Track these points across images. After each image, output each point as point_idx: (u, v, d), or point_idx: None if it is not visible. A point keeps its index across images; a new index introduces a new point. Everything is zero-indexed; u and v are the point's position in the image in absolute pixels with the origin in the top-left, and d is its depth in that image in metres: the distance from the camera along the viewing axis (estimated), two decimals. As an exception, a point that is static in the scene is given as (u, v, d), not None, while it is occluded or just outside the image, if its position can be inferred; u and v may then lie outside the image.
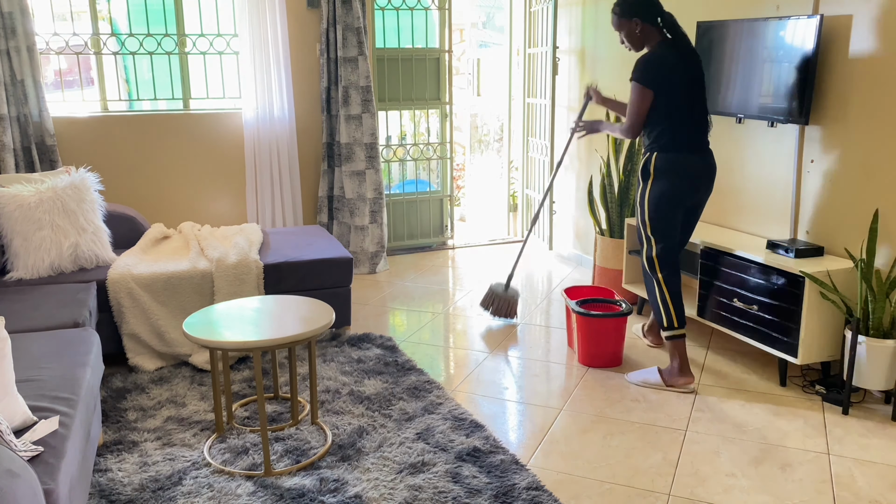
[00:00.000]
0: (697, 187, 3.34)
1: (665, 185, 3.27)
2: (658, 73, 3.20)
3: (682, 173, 3.27)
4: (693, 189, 3.32)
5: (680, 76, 3.21)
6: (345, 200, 5.16)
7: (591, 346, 3.56)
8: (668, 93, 3.21)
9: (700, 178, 3.32)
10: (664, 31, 3.27)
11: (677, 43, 3.26)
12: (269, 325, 2.69)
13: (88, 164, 4.73)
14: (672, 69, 3.20)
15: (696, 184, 3.32)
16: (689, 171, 3.28)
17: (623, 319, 3.56)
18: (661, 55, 3.22)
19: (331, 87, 5.05)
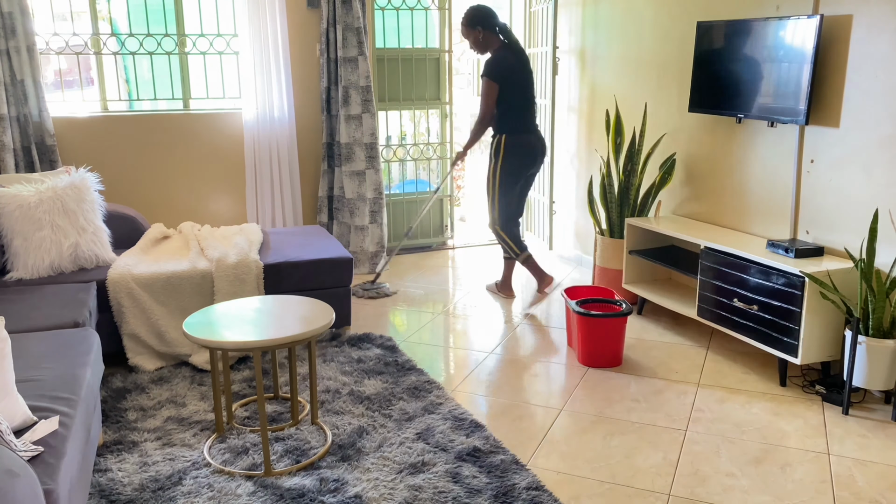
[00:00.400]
0: (535, 160, 4.38)
1: (513, 161, 4.31)
2: (502, 70, 4.18)
3: (525, 150, 4.31)
4: (532, 162, 4.37)
5: (517, 73, 4.20)
6: (345, 200, 5.15)
7: (591, 346, 3.56)
8: (510, 86, 4.20)
9: (536, 153, 4.37)
10: (501, 37, 4.26)
11: (512, 47, 4.25)
12: (269, 325, 2.69)
13: (88, 164, 4.73)
14: (511, 67, 4.19)
15: (534, 157, 4.37)
16: (529, 149, 4.32)
17: (623, 319, 3.56)
18: (503, 56, 4.21)
19: (331, 87, 5.05)
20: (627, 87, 4.71)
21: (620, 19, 4.70)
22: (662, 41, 4.36)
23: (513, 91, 4.22)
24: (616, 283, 4.43)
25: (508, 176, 4.35)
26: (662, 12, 4.34)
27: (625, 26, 4.67)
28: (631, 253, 4.24)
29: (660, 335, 3.99)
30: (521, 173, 4.36)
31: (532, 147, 4.32)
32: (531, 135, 4.32)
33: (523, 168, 4.35)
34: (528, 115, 4.32)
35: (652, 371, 3.53)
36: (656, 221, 4.18)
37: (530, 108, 4.32)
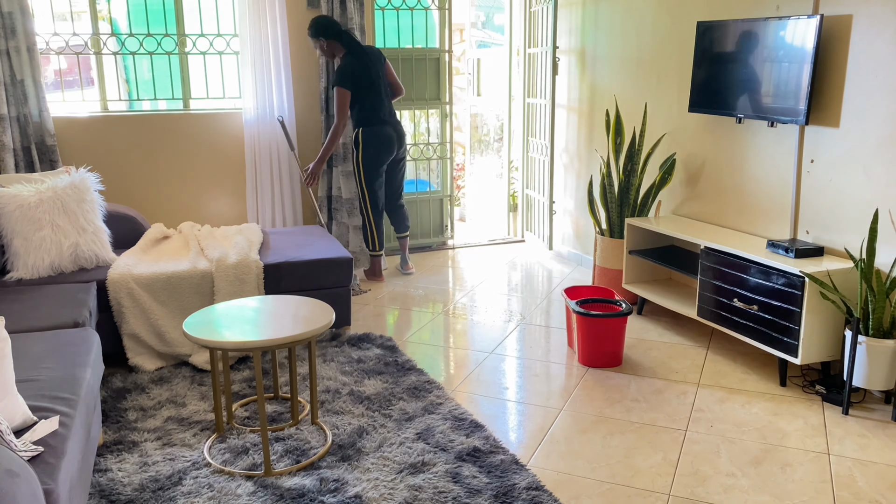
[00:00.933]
0: (391, 148, 4.77)
1: (370, 151, 4.71)
2: (350, 77, 4.57)
3: (381, 139, 4.70)
4: (387, 150, 4.76)
5: (363, 76, 4.59)
6: (342, 200, 5.15)
7: (591, 346, 3.56)
8: (359, 88, 4.61)
9: (392, 141, 4.76)
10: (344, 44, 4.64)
11: (354, 51, 4.61)
12: (269, 325, 2.69)
13: (88, 164, 4.73)
14: (356, 73, 4.58)
15: (390, 145, 4.76)
16: (385, 138, 4.71)
17: (623, 319, 3.56)
18: (348, 63, 4.59)
19: (329, 87, 5.05)
20: (627, 87, 4.71)
21: (620, 19, 4.70)
22: (662, 41, 4.36)
23: (362, 91, 4.64)
24: (616, 283, 4.43)
25: (368, 165, 4.73)
26: (662, 12, 4.34)
27: (625, 26, 4.67)
28: (631, 253, 4.24)
29: (660, 335, 3.99)
30: (382, 160, 4.76)
31: (387, 136, 4.72)
32: (385, 125, 4.71)
33: (382, 156, 4.74)
34: (381, 108, 4.68)
35: (652, 371, 3.53)
36: (656, 221, 4.18)
37: (381, 101, 4.69)
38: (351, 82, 4.58)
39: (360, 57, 4.61)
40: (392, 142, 4.76)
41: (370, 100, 4.66)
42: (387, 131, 4.72)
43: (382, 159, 4.77)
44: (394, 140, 4.77)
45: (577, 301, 3.71)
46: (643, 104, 4.57)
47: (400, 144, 4.84)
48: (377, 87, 4.68)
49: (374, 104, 4.67)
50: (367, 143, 4.70)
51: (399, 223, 5.15)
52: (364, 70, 4.61)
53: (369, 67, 4.63)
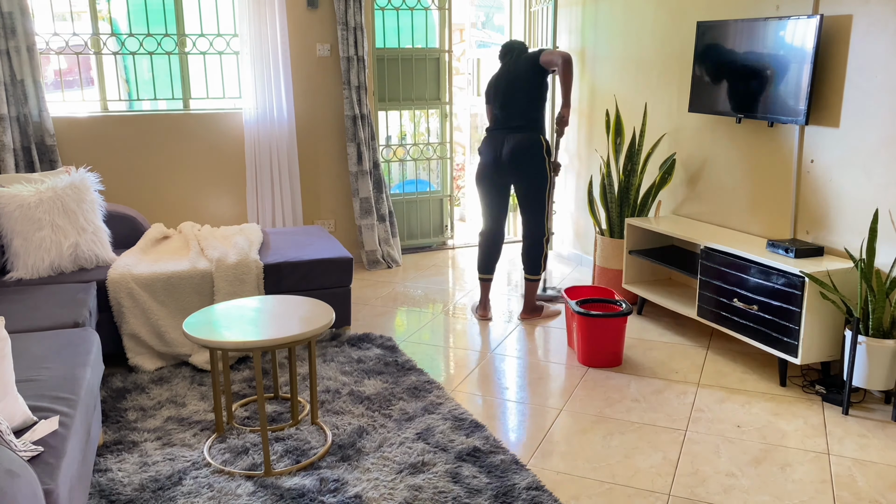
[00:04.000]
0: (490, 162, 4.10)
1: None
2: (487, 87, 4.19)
3: (483, 150, 4.14)
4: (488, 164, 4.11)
5: (492, 86, 4.13)
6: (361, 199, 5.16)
7: (591, 346, 3.56)
8: (490, 98, 4.16)
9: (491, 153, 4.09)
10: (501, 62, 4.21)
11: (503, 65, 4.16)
12: (269, 325, 2.69)
13: (88, 164, 4.73)
14: (490, 83, 4.16)
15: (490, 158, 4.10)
16: (486, 148, 4.12)
17: (623, 319, 3.56)
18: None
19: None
20: (627, 87, 4.71)
21: (620, 19, 4.70)
22: (662, 41, 4.36)
23: (493, 102, 4.13)
24: (616, 283, 4.43)
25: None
26: (662, 12, 4.34)
27: (625, 26, 4.67)
28: (631, 253, 4.24)
29: (660, 335, 3.99)
30: (480, 173, 4.17)
31: (487, 144, 4.10)
32: (495, 132, 4.10)
33: (480, 168, 4.16)
34: (501, 114, 4.08)
35: (652, 371, 3.53)
36: (656, 221, 4.18)
37: (500, 109, 4.08)
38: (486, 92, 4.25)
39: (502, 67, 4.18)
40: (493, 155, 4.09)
41: (494, 110, 4.16)
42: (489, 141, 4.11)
43: (485, 173, 4.13)
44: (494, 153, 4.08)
45: (577, 301, 3.71)
46: (643, 104, 4.56)
47: (504, 162, 4.02)
48: (499, 94, 4.11)
49: (495, 111, 4.16)
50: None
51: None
52: (493, 80, 4.16)
53: (499, 77, 4.14)
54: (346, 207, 5.42)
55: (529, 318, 4.27)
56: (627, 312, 3.56)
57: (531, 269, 4.22)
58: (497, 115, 4.09)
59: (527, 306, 4.28)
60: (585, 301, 3.76)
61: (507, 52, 4.16)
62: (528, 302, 4.28)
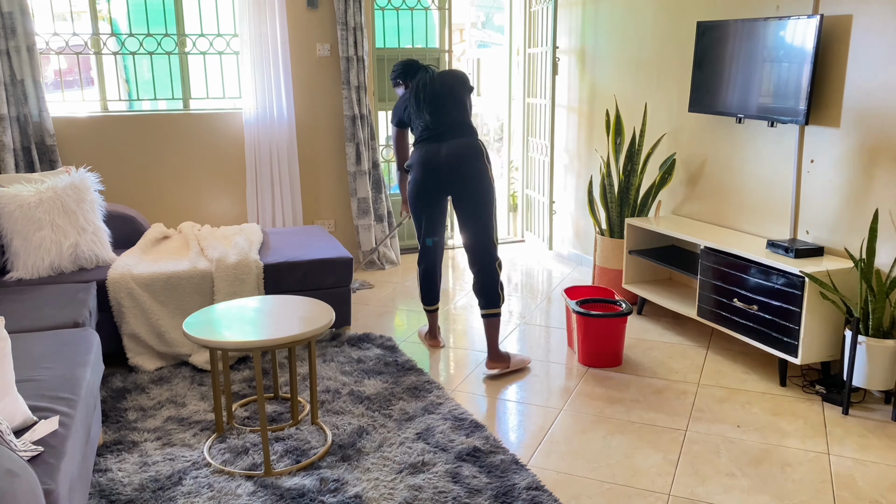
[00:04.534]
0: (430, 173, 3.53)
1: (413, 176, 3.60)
2: (395, 112, 3.70)
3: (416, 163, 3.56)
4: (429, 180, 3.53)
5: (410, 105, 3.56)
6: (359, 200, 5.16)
7: (592, 346, 3.56)
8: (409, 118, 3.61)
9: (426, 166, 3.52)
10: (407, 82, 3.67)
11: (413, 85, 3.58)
12: (269, 325, 2.68)
13: (88, 164, 4.73)
14: (403, 104, 3.64)
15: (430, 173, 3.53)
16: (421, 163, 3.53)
17: (623, 319, 3.56)
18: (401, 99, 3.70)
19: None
20: (627, 87, 4.71)
21: (620, 19, 4.70)
22: (662, 41, 4.36)
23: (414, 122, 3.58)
24: (616, 283, 4.43)
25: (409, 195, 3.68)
26: (662, 12, 4.34)
27: (625, 26, 4.67)
28: (631, 253, 4.24)
29: (660, 335, 3.99)
30: (414, 190, 3.60)
31: (421, 154, 3.52)
32: (428, 142, 3.51)
33: (414, 184, 3.58)
34: (432, 124, 3.50)
35: (652, 371, 3.53)
36: (656, 221, 4.18)
37: (429, 115, 3.50)
38: (396, 117, 3.76)
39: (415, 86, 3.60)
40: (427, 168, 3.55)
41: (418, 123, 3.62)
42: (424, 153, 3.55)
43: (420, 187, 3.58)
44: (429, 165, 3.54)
45: (577, 301, 3.71)
46: (643, 104, 4.56)
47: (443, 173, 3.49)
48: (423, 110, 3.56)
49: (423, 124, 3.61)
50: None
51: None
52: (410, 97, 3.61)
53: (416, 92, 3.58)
54: (346, 207, 5.42)
55: (497, 366, 3.49)
56: (627, 312, 3.55)
57: (489, 301, 3.48)
58: (429, 126, 3.47)
59: (492, 352, 3.50)
60: (585, 301, 3.75)
61: (411, 71, 3.61)
62: (493, 347, 3.50)
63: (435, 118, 3.48)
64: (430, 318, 3.85)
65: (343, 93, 5.11)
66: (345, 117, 5.12)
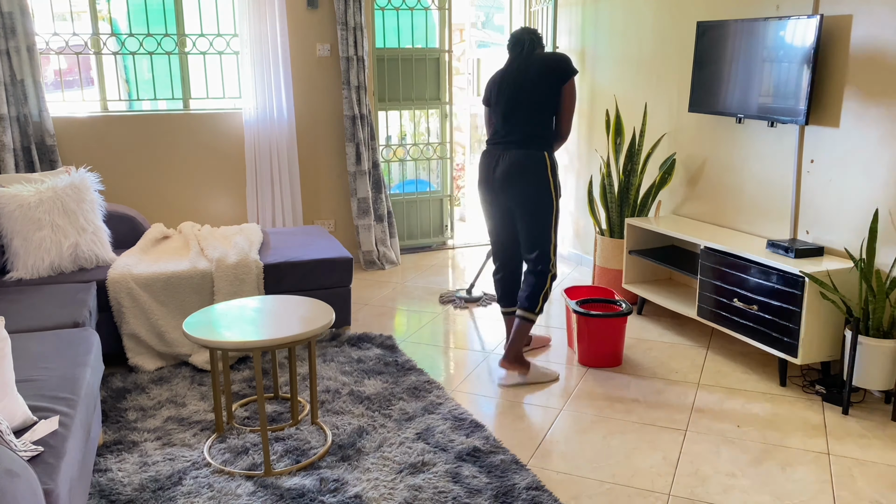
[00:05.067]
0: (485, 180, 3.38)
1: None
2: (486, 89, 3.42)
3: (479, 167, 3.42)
4: (483, 182, 3.39)
5: (495, 87, 3.33)
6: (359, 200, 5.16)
7: (592, 346, 3.56)
8: (492, 104, 3.36)
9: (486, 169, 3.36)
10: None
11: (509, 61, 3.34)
12: (269, 325, 2.68)
13: (88, 164, 4.73)
14: (491, 81, 3.37)
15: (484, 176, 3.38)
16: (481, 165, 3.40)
17: (623, 319, 3.56)
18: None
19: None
20: (627, 87, 4.71)
21: (620, 19, 4.70)
22: (662, 41, 4.36)
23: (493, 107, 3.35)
24: (616, 283, 4.43)
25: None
26: (662, 12, 4.34)
27: (625, 26, 4.67)
28: (631, 253, 4.24)
29: (660, 335, 3.99)
30: (479, 195, 3.46)
31: (483, 161, 3.37)
32: (492, 146, 3.34)
33: (478, 188, 3.45)
34: (501, 125, 3.31)
35: (652, 371, 3.53)
36: (656, 221, 4.18)
37: (501, 119, 3.30)
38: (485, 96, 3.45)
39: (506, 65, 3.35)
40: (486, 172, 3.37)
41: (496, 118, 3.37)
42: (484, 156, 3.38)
43: (481, 196, 3.45)
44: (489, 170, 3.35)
45: (577, 301, 3.71)
46: (643, 104, 4.56)
47: (500, 181, 3.29)
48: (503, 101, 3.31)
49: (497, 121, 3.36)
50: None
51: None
52: (497, 78, 3.35)
53: (502, 77, 3.33)
54: (346, 207, 5.42)
55: (511, 368, 3.35)
56: (627, 312, 3.55)
57: (527, 302, 3.32)
58: (497, 125, 3.32)
59: (510, 352, 3.34)
60: (585, 301, 3.75)
61: (515, 42, 3.31)
62: (514, 347, 3.34)
63: (505, 125, 3.28)
64: (507, 322, 3.61)
65: (343, 93, 5.12)
66: (345, 117, 5.12)
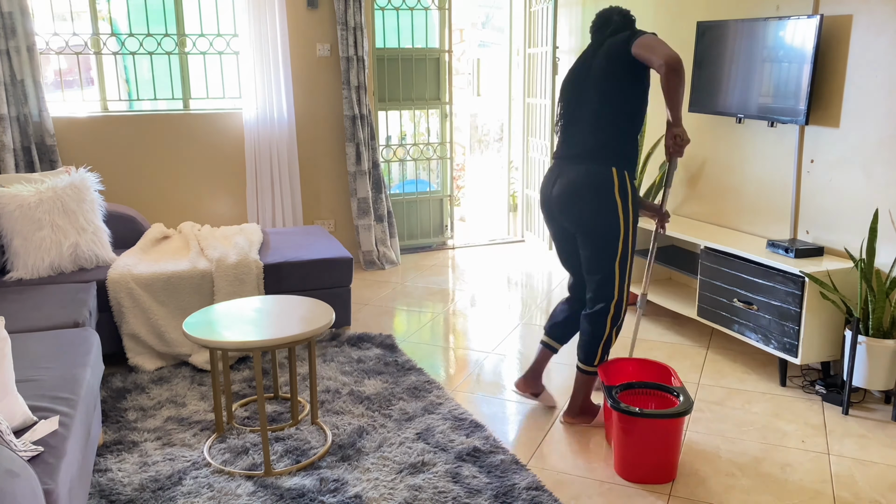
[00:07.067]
0: (545, 201, 2.91)
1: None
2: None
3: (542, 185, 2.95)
4: (543, 204, 2.93)
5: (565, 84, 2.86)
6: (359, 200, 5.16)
7: (635, 454, 2.58)
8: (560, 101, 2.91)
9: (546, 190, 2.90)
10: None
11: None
12: (269, 325, 2.68)
13: (88, 164, 4.73)
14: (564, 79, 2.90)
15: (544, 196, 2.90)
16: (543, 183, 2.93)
17: (679, 420, 2.54)
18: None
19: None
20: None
21: (620, 19, 4.70)
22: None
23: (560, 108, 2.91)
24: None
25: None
26: (662, 12, 4.34)
27: (625, 26, 4.66)
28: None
29: (660, 335, 3.99)
30: (546, 219, 2.99)
31: (543, 179, 2.92)
32: (553, 161, 2.90)
33: (542, 210, 2.97)
34: (562, 137, 2.86)
35: (652, 371, 3.52)
36: (656, 221, 4.18)
37: (562, 126, 2.86)
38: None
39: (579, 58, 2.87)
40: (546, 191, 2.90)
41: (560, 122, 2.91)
42: (546, 174, 2.92)
43: (546, 217, 2.99)
44: (548, 190, 2.88)
45: (617, 386, 2.70)
46: (643, 104, 4.56)
47: (557, 202, 2.83)
48: (567, 102, 2.85)
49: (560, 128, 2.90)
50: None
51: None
52: (568, 76, 2.88)
53: (572, 73, 2.85)
54: (346, 207, 5.42)
55: (574, 422, 3.02)
56: (686, 409, 2.54)
57: (584, 354, 2.92)
58: (560, 134, 2.87)
59: (572, 407, 3.00)
60: (628, 386, 2.74)
61: (601, 25, 2.80)
62: (574, 402, 3.00)
63: (565, 134, 2.83)
64: (540, 350, 3.15)
65: (343, 93, 5.12)
66: (345, 117, 5.12)
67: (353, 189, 5.22)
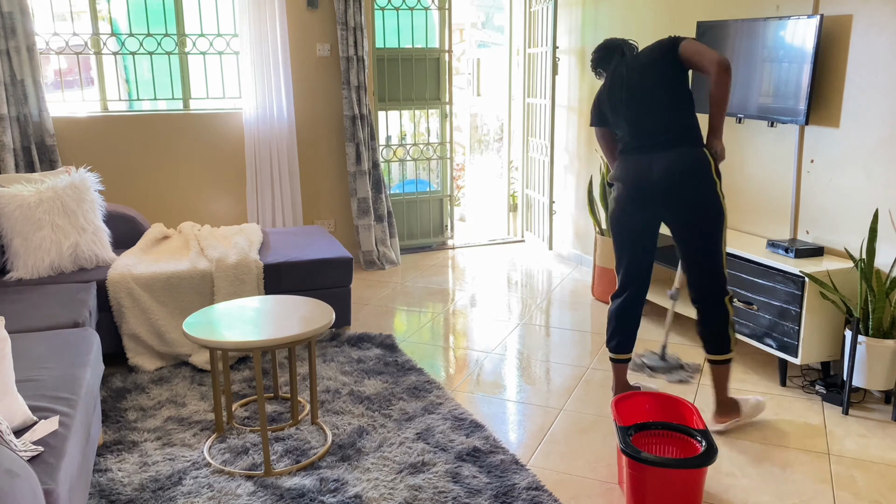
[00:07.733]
0: (629, 188, 2.87)
1: (614, 194, 2.97)
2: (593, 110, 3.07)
3: (621, 176, 2.92)
4: (625, 193, 2.89)
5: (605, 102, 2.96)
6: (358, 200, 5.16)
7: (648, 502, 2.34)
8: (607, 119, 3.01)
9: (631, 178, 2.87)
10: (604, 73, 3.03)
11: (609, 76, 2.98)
12: (269, 325, 2.68)
13: (88, 164, 4.73)
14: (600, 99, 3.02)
15: (629, 184, 2.87)
16: (624, 173, 2.90)
17: (701, 470, 2.30)
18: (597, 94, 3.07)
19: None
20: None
21: (620, 19, 4.70)
22: (662, 41, 4.36)
23: (613, 121, 2.96)
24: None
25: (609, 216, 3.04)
26: (662, 12, 4.34)
27: (625, 26, 4.67)
28: (631, 253, 4.24)
29: (660, 335, 3.98)
30: (618, 210, 2.94)
31: (626, 171, 2.87)
32: (633, 155, 2.86)
33: (618, 203, 2.93)
34: (634, 132, 2.86)
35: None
36: (656, 221, 4.18)
37: (632, 126, 2.86)
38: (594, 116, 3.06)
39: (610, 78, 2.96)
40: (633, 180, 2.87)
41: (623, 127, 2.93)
42: (631, 164, 2.87)
43: (619, 208, 2.93)
44: (635, 178, 2.86)
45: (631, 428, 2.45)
46: (643, 104, 4.56)
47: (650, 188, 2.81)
48: (624, 108, 2.90)
49: (628, 129, 2.92)
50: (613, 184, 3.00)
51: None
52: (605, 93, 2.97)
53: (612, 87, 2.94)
54: (346, 207, 5.43)
55: (726, 420, 2.90)
56: (709, 458, 2.27)
57: (717, 346, 2.85)
58: (629, 134, 2.86)
59: (720, 404, 2.90)
60: (643, 427, 2.47)
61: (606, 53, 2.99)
62: (722, 398, 2.89)
63: (636, 126, 2.83)
64: (616, 370, 3.10)
65: (343, 93, 5.12)
66: (345, 117, 5.12)
67: (353, 189, 5.22)
